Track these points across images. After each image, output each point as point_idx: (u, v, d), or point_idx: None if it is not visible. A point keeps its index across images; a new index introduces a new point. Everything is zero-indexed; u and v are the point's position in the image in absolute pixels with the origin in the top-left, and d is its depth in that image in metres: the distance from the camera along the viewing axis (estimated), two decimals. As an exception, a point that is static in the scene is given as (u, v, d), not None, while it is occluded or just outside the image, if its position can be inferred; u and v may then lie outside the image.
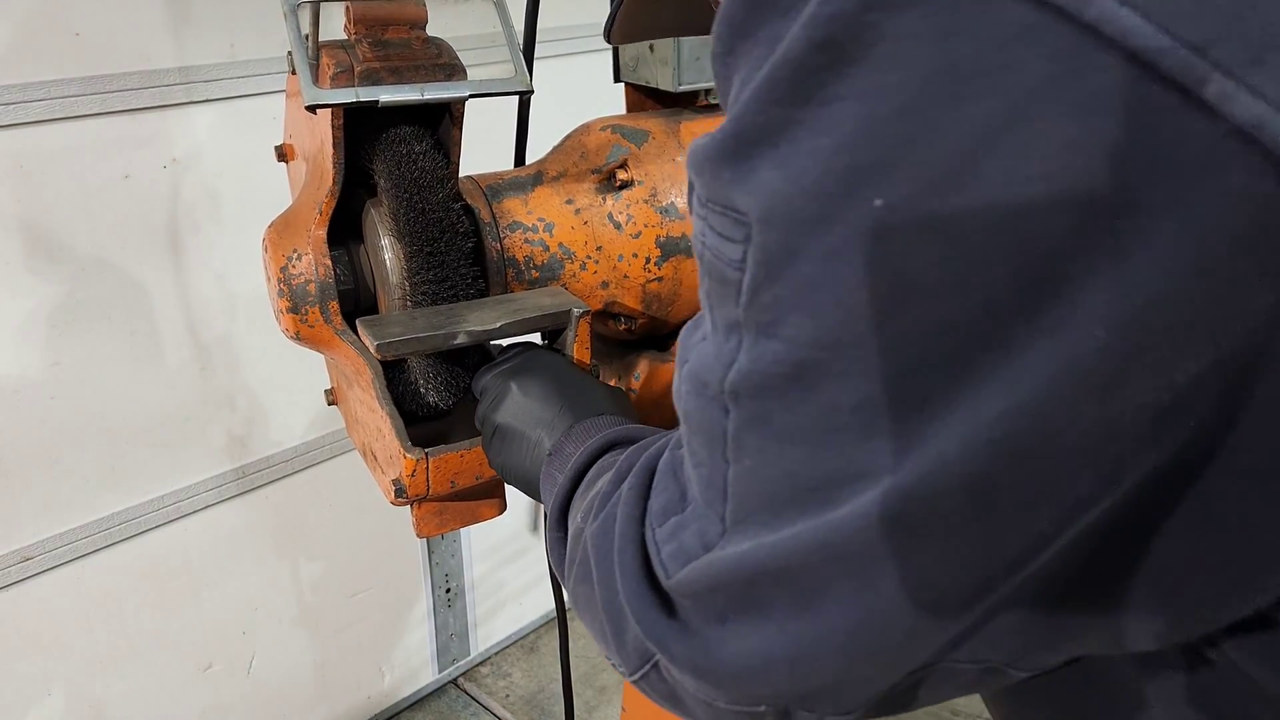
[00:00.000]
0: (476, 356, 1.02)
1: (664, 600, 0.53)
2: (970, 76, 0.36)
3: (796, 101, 0.40)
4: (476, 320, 0.92)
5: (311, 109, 0.89)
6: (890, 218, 0.38)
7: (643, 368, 1.17)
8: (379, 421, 0.95)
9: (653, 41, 1.17)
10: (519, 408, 0.89)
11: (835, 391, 0.42)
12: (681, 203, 1.10)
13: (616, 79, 1.27)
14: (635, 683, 0.58)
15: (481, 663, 2.82)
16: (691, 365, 0.50)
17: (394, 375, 1.00)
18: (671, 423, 0.56)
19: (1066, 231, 0.36)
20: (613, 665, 0.61)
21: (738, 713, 0.52)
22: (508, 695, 2.71)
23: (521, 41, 1.06)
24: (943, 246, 0.38)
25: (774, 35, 0.40)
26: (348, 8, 0.94)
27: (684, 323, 1.16)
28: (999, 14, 0.35)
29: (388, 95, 0.90)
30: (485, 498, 1.04)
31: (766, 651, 0.47)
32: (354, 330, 0.96)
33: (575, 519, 0.69)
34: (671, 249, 1.10)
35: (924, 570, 0.42)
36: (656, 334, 1.20)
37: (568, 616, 1.48)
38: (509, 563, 2.80)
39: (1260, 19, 0.33)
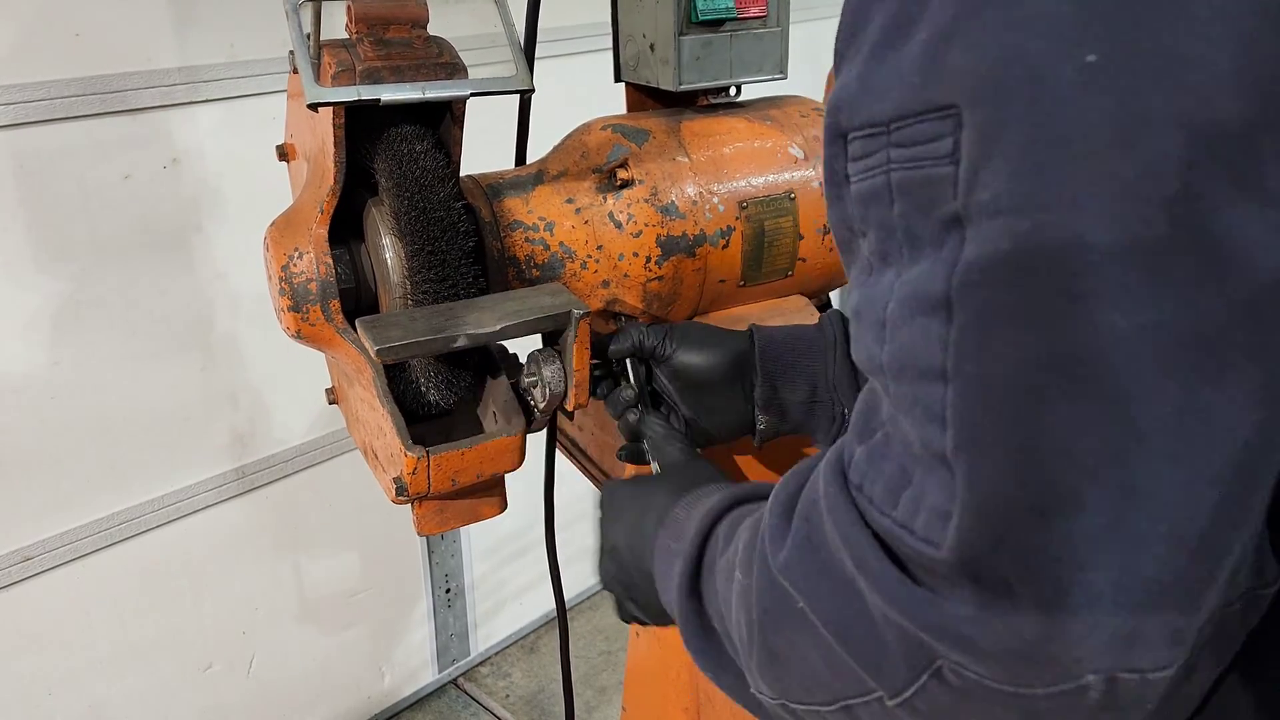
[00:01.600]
0: (478, 355, 1.02)
1: (933, 593, 0.45)
2: None
3: None
4: (476, 322, 0.92)
5: (313, 107, 0.89)
6: (1108, 65, 0.39)
7: (643, 367, 1.17)
8: (380, 420, 0.95)
9: (653, 41, 1.17)
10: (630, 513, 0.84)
11: (1077, 246, 0.40)
12: (681, 202, 1.11)
13: (617, 79, 1.27)
14: (907, 701, 0.48)
15: (481, 663, 2.82)
16: (895, 304, 0.46)
17: (395, 374, 1.00)
18: None
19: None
20: (842, 706, 0.52)
21: (1056, 695, 0.44)
22: (508, 695, 2.71)
23: (522, 41, 1.06)
24: (1171, 81, 0.38)
25: None
26: (349, 7, 0.94)
27: (684, 321, 1.16)
28: None
29: (389, 94, 0.90)
30: (486, 496, 1.04)
31: (1088, 589, 0.41)
32: (355, 329, 0.97)
33: (715, 582, 0.64)
34: (672, 248, 1.10)
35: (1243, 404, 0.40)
36: (657, 333, 1.20)
37: (567, 616, 1.48)
38: (509, 563, 2.80)
39: None
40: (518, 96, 1.10)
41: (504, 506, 1.06)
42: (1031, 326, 0.41)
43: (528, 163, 1.20)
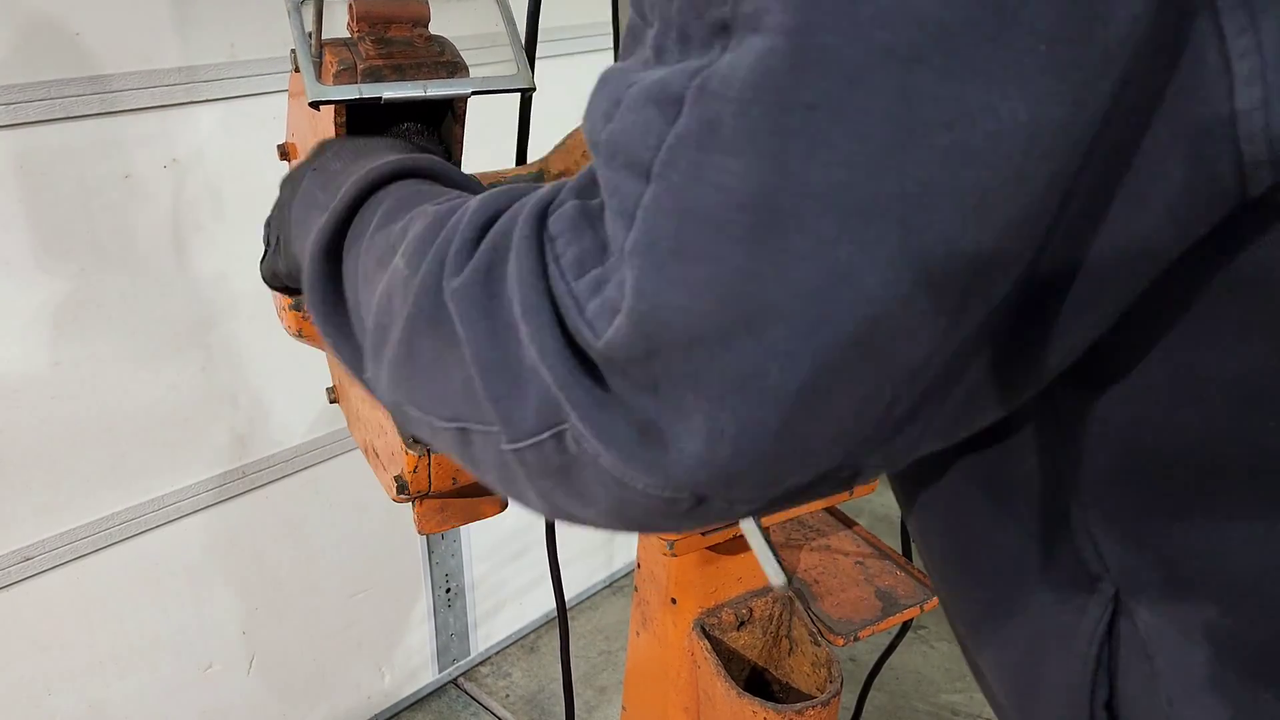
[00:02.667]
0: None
1: (590, 367, 0.46)
2: None
3: None
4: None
5: (315, 105, 0.89)
6: None
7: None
8: (381, 418, 0.95)
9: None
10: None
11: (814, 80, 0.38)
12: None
13: (617, 78, 1.27)
14: (521, 450, 0.49)
15: (481, 663, 2.82)
16: (638, 88, 0.45)
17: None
18: None
19: None
20: (460, 429, 0.53)
21: (653, 497, 0.46)
22: (508, 695, 2.71)
23: (523, 40, 1.06)
24: None
25: None
26: (350, 5, 0.94)
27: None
28: None
29: (391, 92, 0.90)
30: (487, 494, 1.04)
31: (706, 422, 0.43)
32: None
33: (360, 252, 0.61)
34: (673, 247, 1.10)
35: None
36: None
37: (567, 616, 1.48)
38: (509, 563, 2.80)
39: None
40: (519, 96, 1.10)
41: (505, 505, 1.06)
42: (745, 156, 0.40)
43: (528, 162, 1.20)
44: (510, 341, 0.48)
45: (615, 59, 1.26)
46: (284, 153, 1.13)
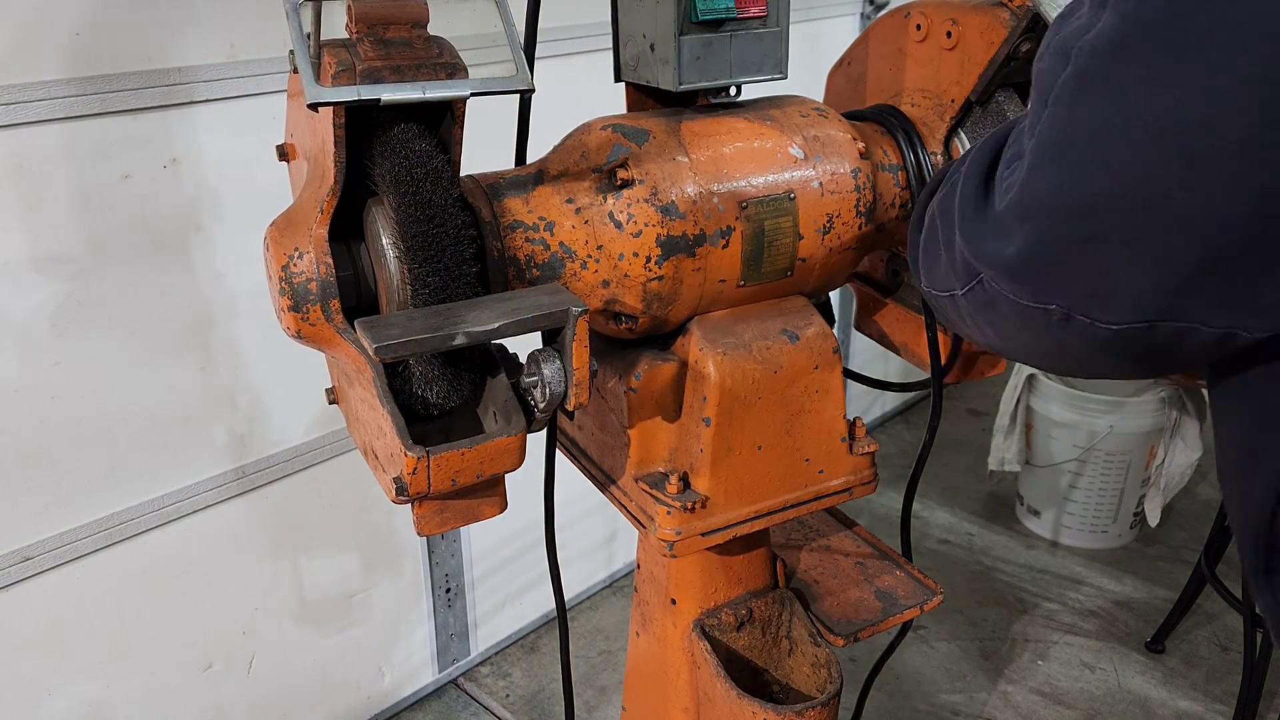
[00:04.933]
0: (477, 356, 1.02)
1: (993, 227, 0.74)
2: None
3: None
4: (475, 320, 0.92)
5: (314, 107, 0.89)
6: None
7: (643, 366, 1.17)
8: (380, 420, 0.95)
9: (653, 41, 1.17)
10: None
11: (1126, 73, 0.62)
12: (681, 202, 1.11)
13: (617, 78, 1.27)
14: (964, 295, 0.81)
15: (481, 663, 2.82)
16: (1062, 35, 0.71)
17: (395, 373, 1.00)
18: (669, 415, 0.69)
19: None
20: (949, 294, 0.84)
21: (1035, 308, 0.72)
22: (508, 695, 2.71)
23: (522, 41, 1.06)
24: None
25: None
26: (349, 6, 0.94)
27: (684, 322, 1.16)
28: None
29: (389, 94, 0.90)
30: (486, 496, 1.04)
31: (1062, 257, 0.69)
32: (355, 329, 0.96)
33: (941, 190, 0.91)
34: (672, 248, 1.10)
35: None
36: (657, 333, 1.20)
37: (567, 616, 1.48)
38: (509, 563, 2.80)
39: None
40: (518, 96, 1.10)
41: (504, 506, 1.06)
42: (1106, 98, 0.64)
43: (528, 163, 1.20)
44: (952, 236, 0.81)
45: (614, 60, 1.26)
46: (283, 153, 1.13)
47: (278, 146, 1.13)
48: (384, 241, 0.99)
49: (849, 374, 1.42)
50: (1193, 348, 0.69)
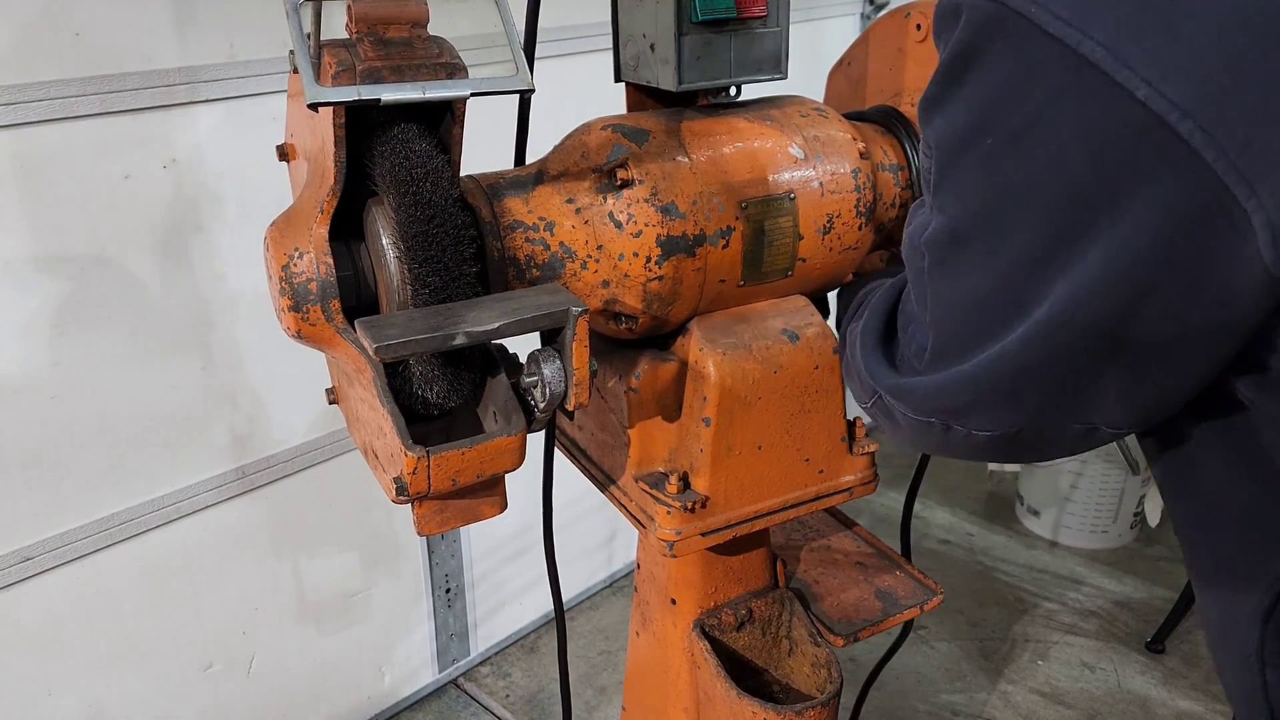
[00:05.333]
0: (477, 355, 1.02)
1: (890, 360, 0.92)
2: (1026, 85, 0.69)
3: (949, 85, 0.75)
4: (475, 320, 0.92)
5: (314, 107, 0.89)
6: (990, 154, 0.72)
7: (643, 366, 1.17)
8: (380, 420, 0.95)
9: (653, 41, 1.17)
10: None
11: (964, 257, 0.77)
12: (681, 201, 1.11)
13: (617, 79, 1.27)
14: (869, 408, 0.98)
15: (481, 663, 2.82)
16: (912, 228, 0.86)
17: (395, 373, 1.00)
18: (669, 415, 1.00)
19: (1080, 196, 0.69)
20: (859, 396, 1.01)
21: (919, 421, 0.87)
22: (508, 695, 2.71)
23: (522, 41, 1.06)
24: (1021, 172, 0.70)
25: (944, 47, 0.75)
26: (349, 7, 0.94)
27: (684, 322, 1.16)
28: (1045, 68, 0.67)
29: (389, 94, 0.90)
30: (486, 495, 1.04)
31: (938, 385, 0.83)
32: (355, 329, 0.96)
33: (848, 323, 1.08)
34: (672, 248, 1.10)
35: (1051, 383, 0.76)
36: (657, 333, 1.20)
37: (565, 617, 1.48)
38: (509, 563, 2.80)
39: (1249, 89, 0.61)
40: (518, 96, 1.10)
41: (504, 506, 1.06)
42: (950, 273, 0.80)
43: (528, 163, 1.20)
44: (855, 367, 0.99)
45: (614, 60, 1.26)
46: (283, 153, 1.13)
47: (278, 146, 1.13)
48: (384, 241, 0.99)
49: (849, 374, 1.42)
50: (1066, 441, 0.83)
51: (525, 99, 1.20)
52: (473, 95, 0.94)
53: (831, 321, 1.26)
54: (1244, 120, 0.60)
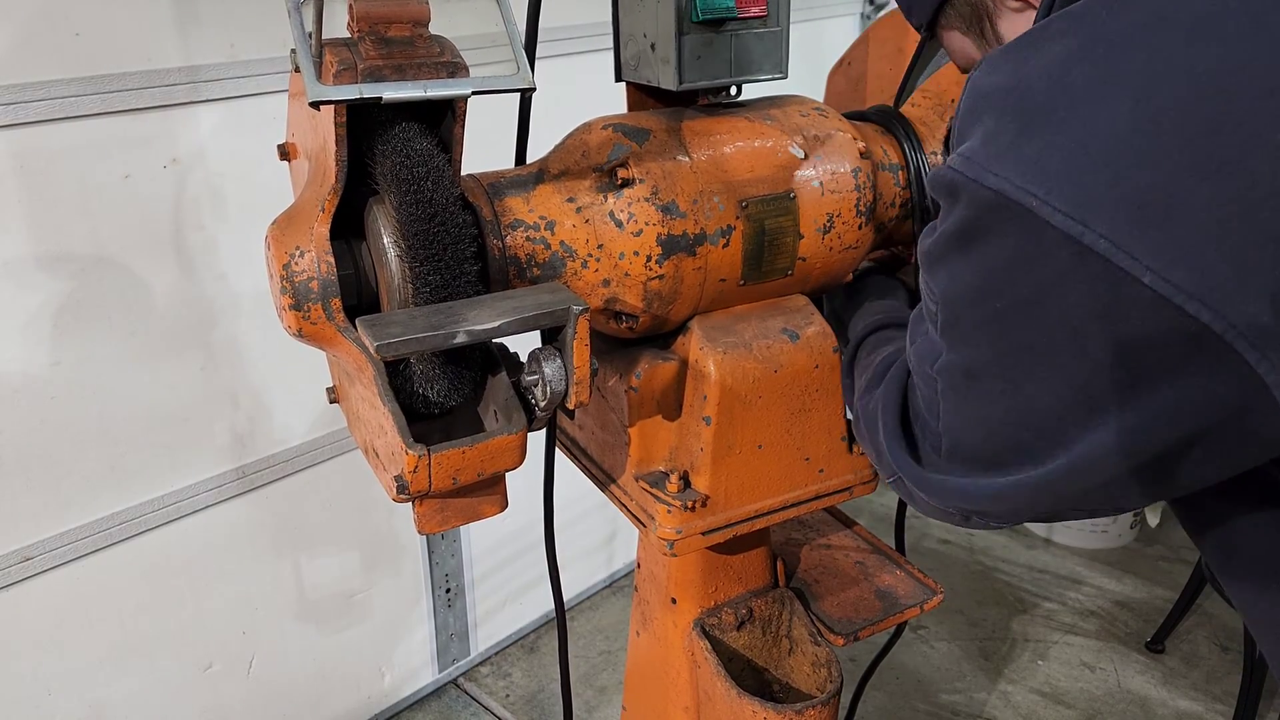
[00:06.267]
0: (478, 354, 1.03)
1: (912, 448, 0.95)
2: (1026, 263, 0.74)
3: (953, 250, 0.78)
4: (476, 319, 0.92)
5: (315, 105, 0.89)
6: (1001, 314, 0.76)
7: (644, 365, 1.17)
8: (381, 418, 0.95)
9: (654, 40, 1.17)
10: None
11: (981, 390, 0.82)
12: (681, 201, 1.11)
13: (618, 78, 1.27)
14: (889, 482, 1.01)
15: (481, 663, 2.82)
16: (918, 347, 0.91)
17: (396, 372, 1.00)
18: (669, 414, 1.03)
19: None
20: (879, 469, 1.04)
21: (939, 508, 0.93)
22: (508, 695, 2.71)
23: (523, 40, 1.06)
24: (1035, 335, 0.75)
25: (945, 215, 0.79)
26: (351, 6, 0.94)
27: (684, 321, 1.16)
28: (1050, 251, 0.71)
29: (391, 92, 0.90)
30: (487, 494, 1.04)
31: (961, 489, 0.88)
32: (356, 327, 0.97)
33: (860, 380, 1.12)
34: (672, 247, 1.10)
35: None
36: (657, 332, 1.20)
37: (566, 617, 1.48)
38: (509, 563, 2.80)
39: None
40: (518, 96, 1.10)
41: (504, 505, 1.06)
42: (966, 399, 0.84)
43: (528, 162, 1.21)
44: (878, 445, 1.00)
45: (615, 60, 1.27)
46: (284, 152, 1.13)
47: (279, 146, 1.13)
48: (385, 240, 0.99)
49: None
50: (1084, 518, 0.92)
51: (526, 98, 1.20)
52: (474, 94, 0.94)
53: None
54: (1249, 300, 0.64)
